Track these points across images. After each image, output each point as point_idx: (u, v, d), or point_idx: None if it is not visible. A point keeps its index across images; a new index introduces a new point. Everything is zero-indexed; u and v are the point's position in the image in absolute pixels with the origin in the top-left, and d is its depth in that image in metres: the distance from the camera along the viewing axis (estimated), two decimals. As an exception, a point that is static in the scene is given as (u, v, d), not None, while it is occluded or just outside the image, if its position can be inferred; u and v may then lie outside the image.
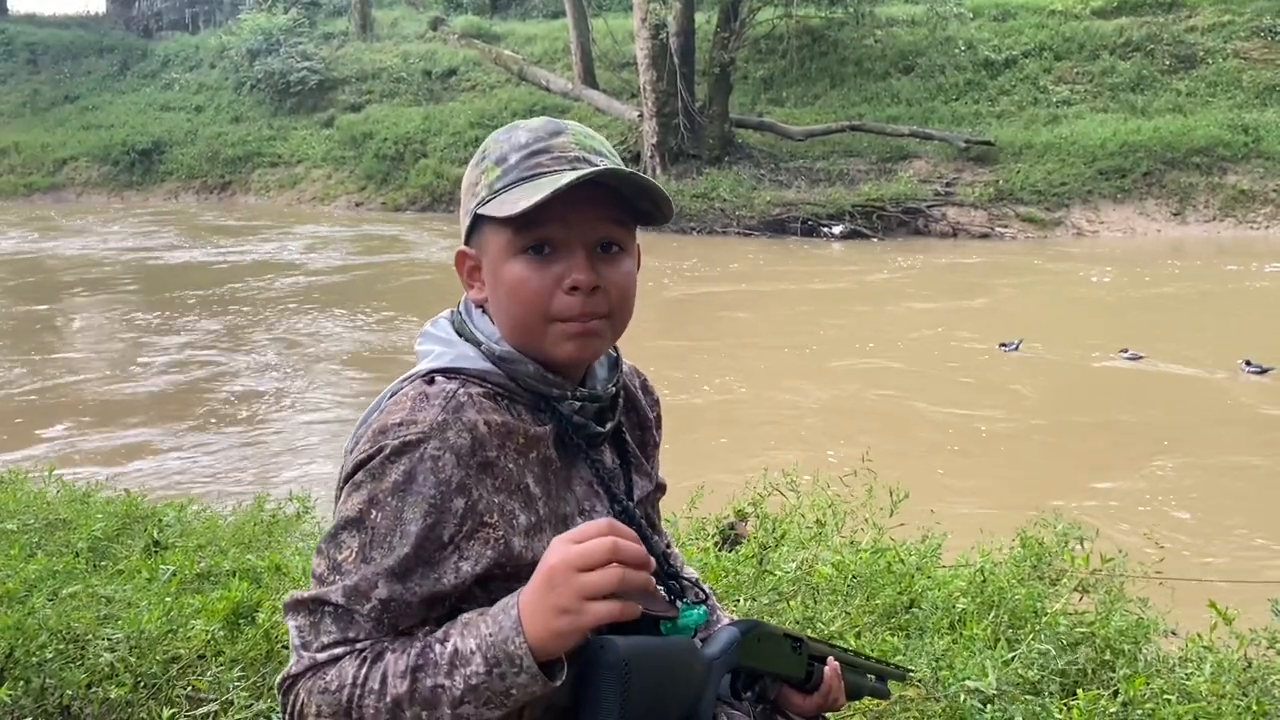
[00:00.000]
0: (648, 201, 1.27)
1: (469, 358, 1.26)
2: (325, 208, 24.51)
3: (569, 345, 1.24)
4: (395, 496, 1.14)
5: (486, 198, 1.24)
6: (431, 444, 1.15)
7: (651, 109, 20.78)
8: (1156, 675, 2.76)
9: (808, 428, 8.12)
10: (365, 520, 1.15)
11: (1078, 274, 14.52)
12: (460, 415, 1.18)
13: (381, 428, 1.17)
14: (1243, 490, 6.60)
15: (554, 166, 1.23)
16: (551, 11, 30.69)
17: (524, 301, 1.23)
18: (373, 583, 1.13)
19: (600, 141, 1.30)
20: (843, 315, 12.45)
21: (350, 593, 1.13)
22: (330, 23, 31.80)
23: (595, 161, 1.25)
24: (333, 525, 1.18)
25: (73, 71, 33.41)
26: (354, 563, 1.14)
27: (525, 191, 1.20)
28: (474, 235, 1.29)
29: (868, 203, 18.54)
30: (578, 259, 1.22)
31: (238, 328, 12.13)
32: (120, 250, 18.50)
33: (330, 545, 1.17)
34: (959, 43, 22.57)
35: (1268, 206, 17.65)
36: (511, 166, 1.24)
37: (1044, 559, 3.49)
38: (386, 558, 1.13)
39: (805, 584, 2.87)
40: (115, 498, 4.36)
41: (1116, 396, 8.63)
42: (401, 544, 1.13)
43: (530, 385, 1.26)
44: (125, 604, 2.95)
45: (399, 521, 1.13)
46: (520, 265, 1.23)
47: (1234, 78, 20.40)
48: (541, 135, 1.26)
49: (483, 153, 1.29)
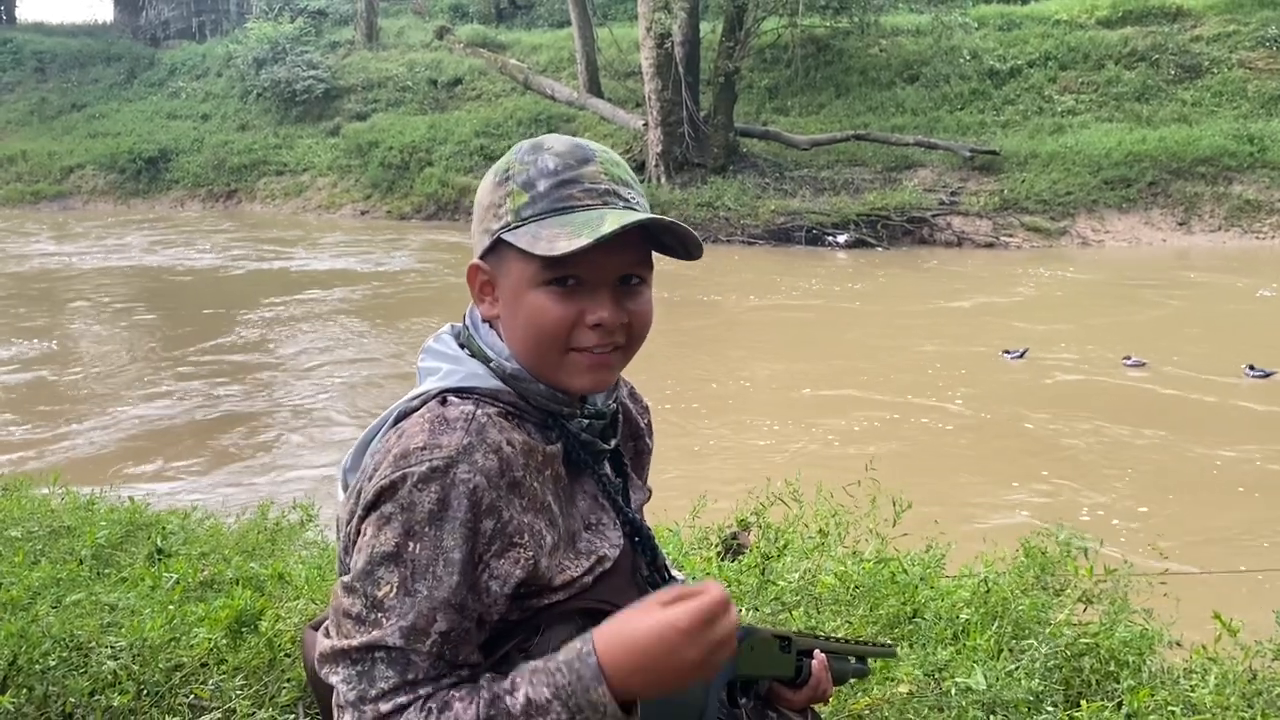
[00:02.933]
0: (675, 240, 1.27)
1: (479, 376, 1.25)
2: (331, 216, 24.56)
3: (586, 378, 1.25)
4: (432, 526, 1.12)
5: (513, 224, 1.23)
6: (461, 468, 1.13)
7: (656, 118, 20.82)
8: (1161, 687, 2.75)
9: (810, 435, 8.11)
10: (403, 554, 1.11)
11: (1081, 280, 14.51)
12: (484, 437, 1.16)
13: (403, 453, 1.15)
14: (1245, 494, 6.58)
15: (586, 200, 1.22)
16: (557, 21, 30.79)
17: (544, 331, 1.22)
18: (430, 618, 1.11)
19: (625, 169, 1.29)
20: (846, 323, 12.44)
21: (408, 632, 1.10)
22: (336, 31, 31.91)
23: (624, 194, 1.25)
24: (364, 561, 1.13)
25: (80, 80, 33.57)
26: (397, 598, 1.11)
27: (559, 229, 1.19)
28: (492, 253, 1.28)
29: (872, 212, 18.56)
30: (602, 296, 1.22)
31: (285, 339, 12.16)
32: (171, 259, 18.55)
33: (366, 583, 1.12)
34: (964, 52, 22.60)
35: (1273, 216, 17.63)
36: (541, 195, 1.22)
37: (1047, 569, 3.49)
38: (436, 589, 1.11)
39: (808, 594, 2.86)
40: (119, 505, 4.37)
41: (1119, 404, 8.60)
42: (448, 573, 1.12)
43: (540, 404, 1.26)
44: (128, 612, 2.95)
45: (440, 550, 1.11)
46: (544, 296, 1.21)
47: (1239, 87, 20.41)
48: (570, 163, 1.24)
49: (506, 172, 1.26)
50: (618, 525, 1.31)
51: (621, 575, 1.28)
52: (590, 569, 1.24)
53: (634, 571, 1.31)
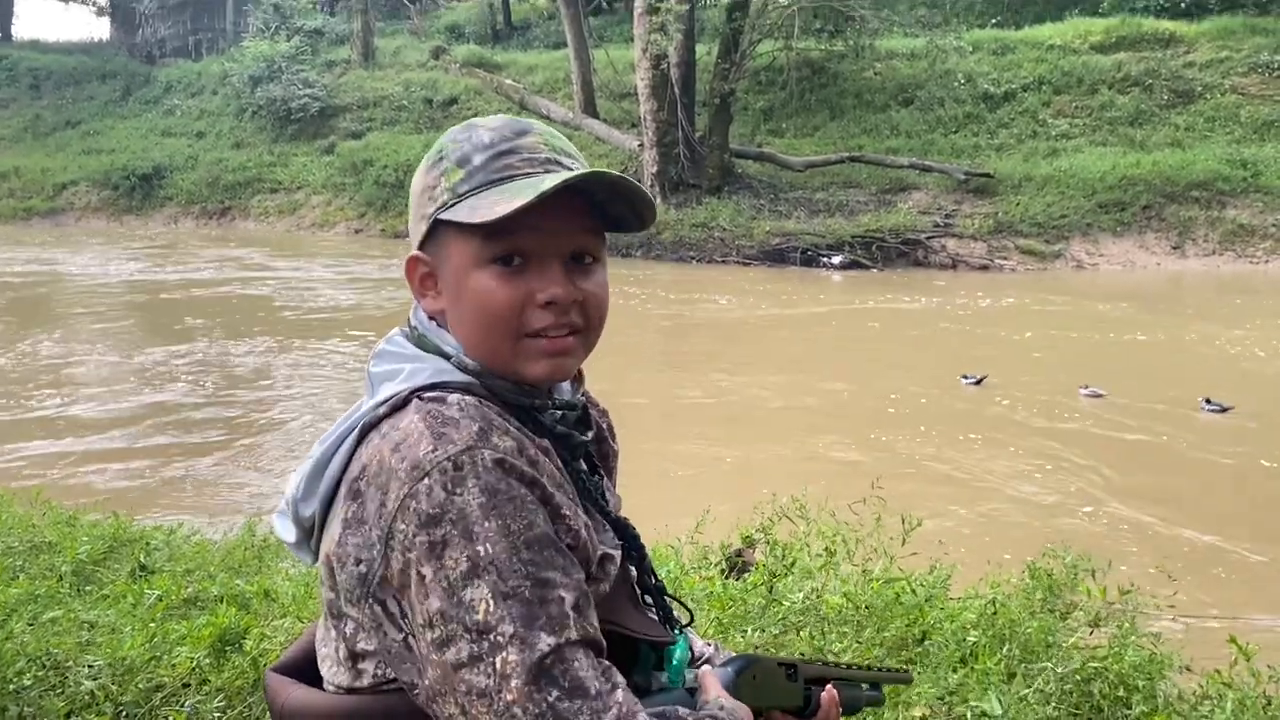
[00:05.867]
0: (626, 207, 1.17)
1: (446, 371, 1.14)
2: (324, 234, 24.52)
3: (542, 364, 1.14)
4: (490, 518, 0.99)
5: (449, 202, 1.13)
6: (484, 451, 1.02)
7: (652, 139, 20.86)
8: (1175, 713, 2.68)
9: (806, 454, 8.04)
10: (479, 564, 0.97)
11: (1066, 309, 14.50)
12: (491, 421, 1.06)
13: (414, 464, 1.01)
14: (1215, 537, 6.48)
15: (525, 169, 1.13)
16: (553, 42, 30.92)
17: (493, 316, 1.12)
18: (556, 598, 0.98)
19: (566, 142, 1.20)
20: (841, 343, 12.40)
21: (553, 624, 0.97)
22: (332, 51, 32.00)
23: (566, 163, 1.15)
24: (437, 604, 0.97)
25: (75, 97, 33.62)
26: (498, 607, 0.96)
27: (497, 196, 1.10)
28: (430, 241, 1.17)
29: (867, 233, 18.58)
30: (552, 271, 1.13)
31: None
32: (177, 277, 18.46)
33: (461, 612, 0.96)
34: (958, 76, 22.72)
35: (1267, 241, 17.69)
36: (477, 168, 1.13)
37: (1054, 591, 3.41)
38: (542, 570, 0.99)
39: (814, 614, 2.78)
40: (103, 520, 4.27)
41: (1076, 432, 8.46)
42: (531, 552, 1.00)
43: (508, 398, 1.15)
44: (108, 630, 2.85)
45: (507, 534, 0.99)
46: (488, 277, 1.12)
47: (1232, 112, 20.53)
48: (506, 135, 1.15)
49: (439, 153, 1.17)
50: (606, 526, 1.21)
51: (617, 582, 1.17)
52: (604, 570, 1.14)
53: (626, 577, 1.21)
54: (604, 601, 1.12)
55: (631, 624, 1.16)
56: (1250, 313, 13.66)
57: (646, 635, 1.17)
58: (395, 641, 1.05)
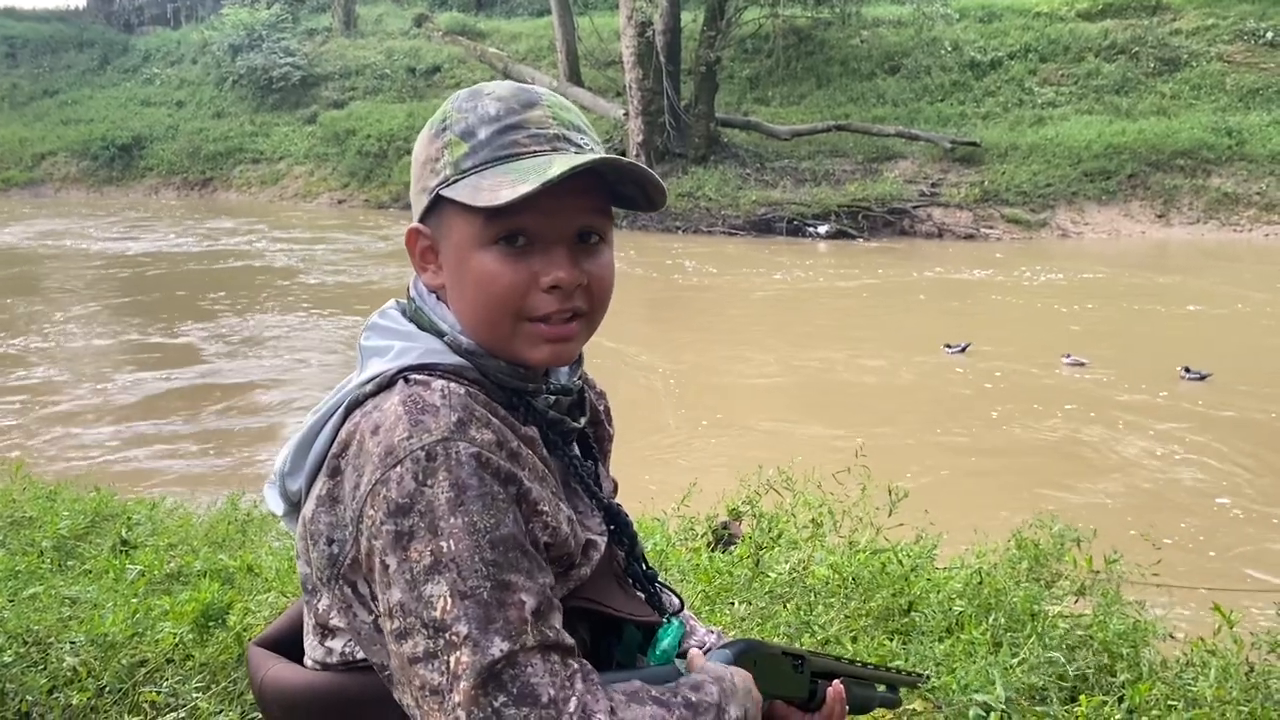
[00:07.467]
0: (635, 188, 1.14)
1: (437, 351, 1.11)
2: (307, 204, 24.32)
3: (544, 349, 1.11)
4: (457, 514, 0.96)
5: (452, 177, 1.10)
6: (460, 444, 0.99)
7: (637, 107, 20.71)
8: (1159, 680, 2.69)
9: (796, 423, 8.05)
10: (441, 560, 0.95)
11: (1045, 278, 14.52)
12: (472, 411, 1.02)
13: (388, 449, 0.99)
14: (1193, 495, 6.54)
15: (532, 146, 1.09)
16: (537, 9, 30.60)
17: (495, 298, 1.09)
18: (516, 602, 0.96)
19: (576, 114, 1.16)
20: (828, 314, 12.40)
21: (510, 629, 0.94)
22: (313, 18, 31.59)
23: (575, 139, 1.12)
24: (398, 595, 0.96)
25: (52, 66, 33.09)
26: (455, 606, 0.94)
27: (503, 176, 1.06)
28: (432, 214, 1.14)
29: (853, 203, 18.53)
30: (558, 253, 1.09)
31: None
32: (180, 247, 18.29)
33: (420, 606, 0.95)
34: (945, 43, 22.60)
35: (1251, 209, 17.72)
36: (482, 143, 1.09)
37: (1040, 560, 3.42)
38: (504, 571, 0.96)
39: (800, 586, 2.77)
40: (84, 495, 4.23)
41: (1060, 401, 8.49)
42: (495, 553, 0.97)
43: (501, 380, 1.12)
44: (90, 605, 2.83)
45: (473, 531, 0.96)
46: (491, 258, 1.08)
47: (1218, 81, 20.50)
48: (514, 107, 1.11)
49: (443, 122, 1.13)
50: (595, 511, 1.19)
51: (602, 565, 1.15)
52: (587, 556, 1.12)
53: (611, 560, 1.19)
54: (587, 583, 1.11)
55: (614, 603, 1.14)
56: (1234, 280, 13.72)
57: (631, 616, 1.15)
58: (365, 623, 1.04)
